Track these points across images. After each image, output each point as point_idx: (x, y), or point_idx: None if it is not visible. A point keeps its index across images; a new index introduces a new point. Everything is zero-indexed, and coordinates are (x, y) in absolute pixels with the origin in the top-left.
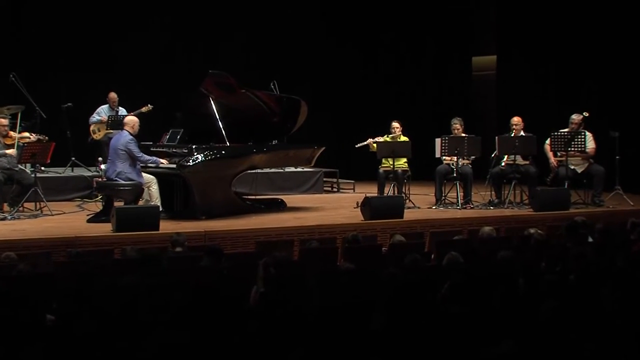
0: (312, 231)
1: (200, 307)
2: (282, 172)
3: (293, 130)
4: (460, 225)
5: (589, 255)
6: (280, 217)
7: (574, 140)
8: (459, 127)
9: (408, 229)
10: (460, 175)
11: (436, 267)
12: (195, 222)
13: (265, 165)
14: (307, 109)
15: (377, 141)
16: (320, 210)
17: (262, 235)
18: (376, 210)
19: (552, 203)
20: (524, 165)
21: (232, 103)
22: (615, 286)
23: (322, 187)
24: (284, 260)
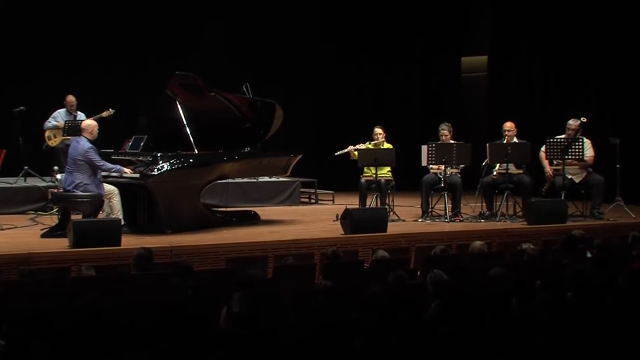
0: (288, 246)
1: (166, 330)
2: (255, 182)
3: (267, 136)
4: (449, 239)
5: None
6: (254, 231)
7: (571, 148)
8: (447, 133)
9: (392, 243)
10: (448, 186)
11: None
12: (160, 237)
13: (237, 174)
14: (283, 113)
15: (358, 148)
16: (297, 224)
17: (234, 251)
18: (357, 224)
19: (547, 215)
20: (517, 175)
21: (201, 107)
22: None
23: (299, 198)
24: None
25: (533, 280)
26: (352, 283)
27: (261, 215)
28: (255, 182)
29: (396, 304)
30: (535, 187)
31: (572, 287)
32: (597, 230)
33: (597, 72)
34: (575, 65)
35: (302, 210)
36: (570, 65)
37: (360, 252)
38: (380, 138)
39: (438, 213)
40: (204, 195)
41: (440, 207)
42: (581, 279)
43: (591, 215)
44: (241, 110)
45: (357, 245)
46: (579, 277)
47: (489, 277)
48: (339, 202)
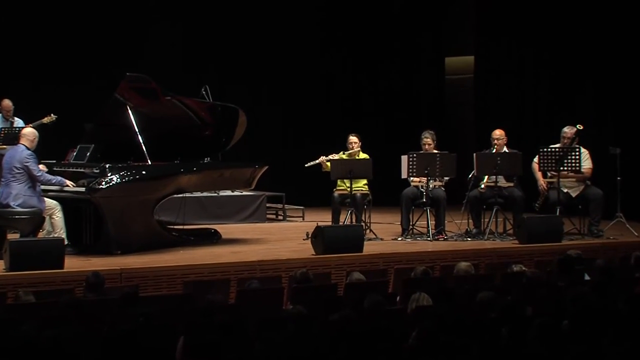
0: (252, 268)
1: None
2: (216, 196)
3: (229, 145)
4: (432, 260)
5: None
6: (214, 251)
7: (566, 158)
8: (429, 142)
9: (369, 265)
10: (431, 200)
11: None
12: (109, 259)
13: (196, 188)
14: (247, 119)
15: (331, 159)
16: (263, 243)
17: (192, 274)
18: (330, 243)
19: (541, 233)
20: (507, 188)
21: (155, 112)
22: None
23: (265, 214)
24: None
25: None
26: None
27: (223, 233)
28: (216, 196)
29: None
30: (527, 202)
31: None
32: (596, 250)
33: (596, 73)
34: (571, 66)
35: (269, 228)
36: (566, 66)
37: (333, 275)
38: (355, 147)
39: (420, 231)
40: (158, 211)
41: (422, 225)
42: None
43: (589, 233)
44: (200, 116)
45: (330, 266)
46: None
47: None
48: (310, 219)
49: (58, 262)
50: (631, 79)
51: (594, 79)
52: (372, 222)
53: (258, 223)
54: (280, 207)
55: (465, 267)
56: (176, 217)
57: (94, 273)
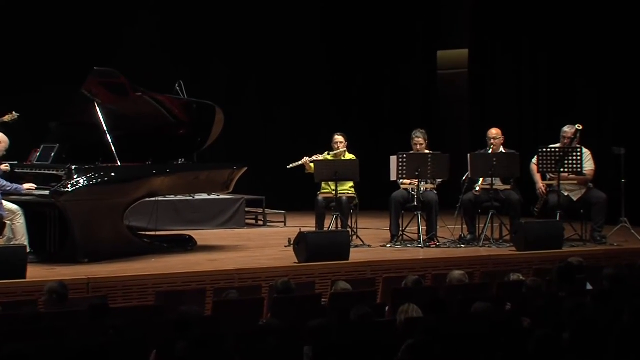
0: (230, 277)
1: None
2: (191, 200)
3: (206, 145)
4: (423, 268)
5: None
6: (189, 259)
7: (567, 159)
8: (421, 141)
9: (355, 273)
10: (422, 204)
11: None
12: (75, 267)
13: (169, 191)
14: (224, 117)
15: (315, 160)
16: (241, 250)
17: (165, 284)
18: (314, 250)
19: (540, 240)
20: (504, 191)
21: (125, 110)
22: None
23: (244, 219)
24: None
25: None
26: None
27: (198, 239)
28: (191, 200)
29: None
30: (525, 206)
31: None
32: (599, 258)
33: (599, 68)
34: (571, 60)
35: (248, 234)
36: (566, 61)
37: (317, 284)
38: (341, 147)
39: (410, 237)
40: (129, 216)
41: (413, 230)
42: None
43: (592, 240)
44: (174, 114)
45: (314, 275)
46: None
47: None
48: (292, 224)
49: (20, 271)
50: (636, 74)
51: (596, 74)
52: (359, 227)
53: (236, 229)
54: (261, 212)
55: (458, 276)
56: (148, 223)
57: (59, 283)
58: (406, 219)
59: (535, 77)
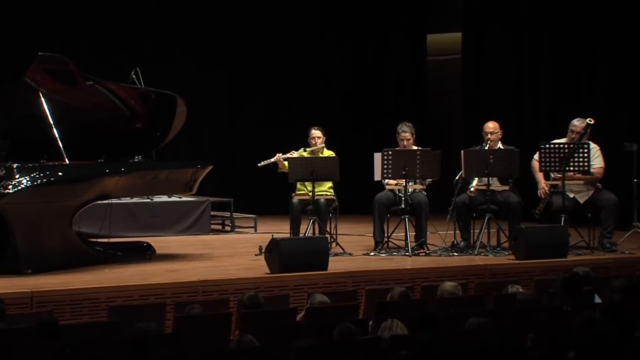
0: (193, 290)
1: None
2: (149, 202)
3: (166, 140)
4: (411, 279)
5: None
6: (146, 269)
7: (574, 156)
8: (408, 136)
9: (335, 285)
10: (410, 207)
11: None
12: (17, 279)
13: (125, 192)
14: (187, 109)
15: (289, 157)
16: (206, 259)
17: (119, 297)
18: (288, 259)
19: (542, 247)
20: (502, 192)
21: (74, 101)
22: None
23: (209, 224)
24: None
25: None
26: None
27: (157, 247)
28: (149, 202)
29: None
30: (525, 209)
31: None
32: (608, 267)
33: (608, 54)
34: (577, 44)
35: (213, 241)
36: (572, 45)
37: (292, 298)
38: (318, 143)
39: (396, 244)
40: (78, 221)
41: (400, 236)
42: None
43: (600, 247)
44: (129, 106)
45: (288, 288)
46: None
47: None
48: (263, 230)
49: None
50: None
51: (606, 60)
52: (338, 233)
53: (200, 235)
54: (228, 216)
55: (451, 288)
56: (100, 229)
57: None
58: (392, 224)
59: (537, 63)
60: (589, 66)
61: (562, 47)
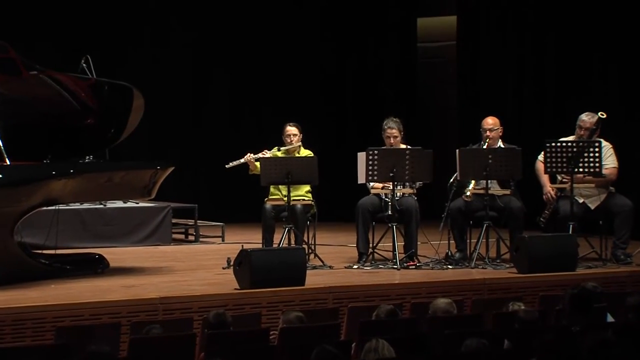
0: (152, 309)
1: None
2: (102, 208)
3: (121, 138)
4: (399, 296)
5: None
6: (99, 284)
7: (583, 156)
8: (395, 133)
9: (313, 302)
10: (399, 214)
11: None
12: None
13: (74, 197)
14: (145, 103)
15: (261, 157)
16: (167, 273)
17: (67, 317)
18: (260, 273)
19: (548, 259)
20: (502, 197)
21: (15, 93)
22: None
23: (170, 233)
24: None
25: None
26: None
27: (111, 260)
28: (101, 209)
29: None
30: (529, 216)
31: None
32: (623, 282)
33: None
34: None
35: (175, 253)
36: (580, 30)
37: (265, 317)
38: (294, 141)
39: (383, 256)
40: (21, 230)
41: (387, 247)
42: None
43: (613, 259)
44: (79, 99)
45: (260, 305)
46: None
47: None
48: (232, 240)
49: None
50: None
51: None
52: (317, 243)
53: (160, 246)
54: (192, 224)
55: (444, 306)
56: (46, 239)
57: None
58: (378, 233)
59: (541, 50)
60: (601, 54)
61: (570, 32)
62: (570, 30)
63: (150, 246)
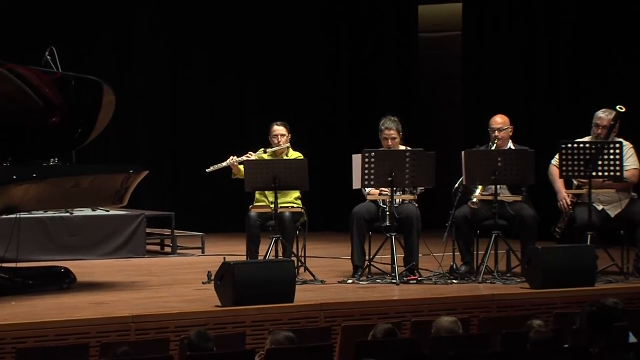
0: (124, 328)
1: None
2: (68, 217)
3: (89, 138)
4: (398, 313)
5: None
6: (65, 301)
7: (601, 157)
8: (393, 133)
9: (303, 321)
10: (398, 223)
11: None
12: None
13: (37, 204)
14: (115, 99)
15: (246, 160)
16: (141, 289)
17: (30, 337)
18: (244, 288)
19: (563, 273)
20: (513, 204)
21: None
22: None
23: (144, 245)
24: None
25: None
26: None
27: (79, 273)
28: (68, 217)
29: None
30: (542, 225)
31: None
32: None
33: None
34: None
35: (150, 266)
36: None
37: (250, 337)
38: (282, 142)
39: (380, 269)
40: None
41: (385, 259)
42: None
43: (636, 272)
44: (43, 95)
45: (244, 324)
46: None
47: None
48: (213, 251)
49: None
50: None
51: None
52: (307, 255)
53: (133, 258)
54: (168, 234)
55: (449, 325)
56: (5, 250)
57: None
58: (375, 244)
59: (555, 41)
60: (621, 43)
61: (587, 19)
62: (586, 18)
63: (122, 259)
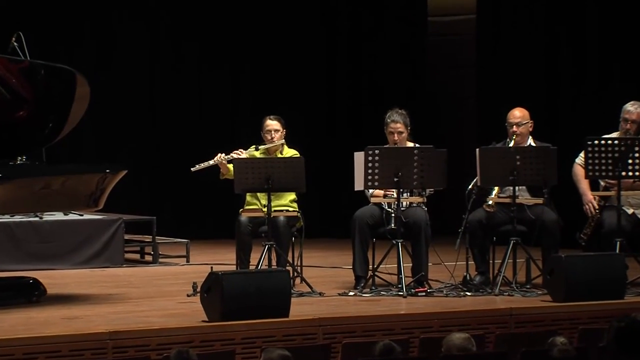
0: (100, 345)
1: None
2: (37, 222)
3: (61, 134)
4: (406, 329)
5: None
6: (34, 316)
7: (631, 156)
8: (400, 128)
9: (299, 338)
10: (405, 228)
11: None
12: None
13: (3, 208)
14: (90, 90)
15: (235, 158)
16: (119, 302)
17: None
18: (234, 301)
19: (589, 284)
20: (533, 208)
21: None
22: None
23: (122, 253)
24: None
25: None
26: None
27: (49, 285)
28: (37, 222)
29: None
30: (566, 231)
31: None
32: None
33: None
34: None
35: (129, 276)
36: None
37: (240, 355)
38: (277, 139)
39: (385, 280)
40: None
41: (391, 269)
42: None
43: None
44: (10, 86)
45: (234, 341)
46: None
47: None
48: (199, 260)
49: None
50: None
51: None
52: (304, 264)
53: (110, 267)
54: (149, 241)
55: (461, 342)
56: None
57: None
58: (379, 252)
59: (580, 26)
60: None
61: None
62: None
63: (98, 268)
